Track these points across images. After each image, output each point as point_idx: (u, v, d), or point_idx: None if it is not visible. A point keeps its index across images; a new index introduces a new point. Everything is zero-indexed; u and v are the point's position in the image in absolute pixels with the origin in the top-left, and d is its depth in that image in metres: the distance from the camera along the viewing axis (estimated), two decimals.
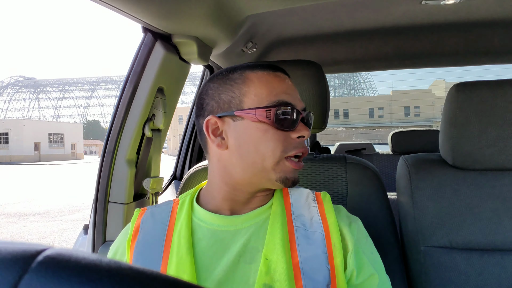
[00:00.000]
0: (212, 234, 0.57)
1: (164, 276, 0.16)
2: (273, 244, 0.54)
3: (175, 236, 0.57)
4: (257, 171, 0.56)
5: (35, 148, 33.60)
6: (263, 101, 0.55)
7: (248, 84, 0.57)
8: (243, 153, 0.56)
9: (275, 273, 0.52)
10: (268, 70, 0.58)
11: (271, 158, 0.54)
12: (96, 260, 0.16)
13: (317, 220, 0.57)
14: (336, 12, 1.27)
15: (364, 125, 33.52)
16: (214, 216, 0.58)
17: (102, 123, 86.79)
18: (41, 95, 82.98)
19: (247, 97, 0.56)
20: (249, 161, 0.56)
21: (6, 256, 0.16)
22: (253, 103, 0.55)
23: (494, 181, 0.79)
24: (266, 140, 0.54)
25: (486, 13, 1.27)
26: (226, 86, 0.58)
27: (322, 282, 0.52)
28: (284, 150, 0.55)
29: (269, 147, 0.54)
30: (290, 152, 0.55)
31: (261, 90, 0.56)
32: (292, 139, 0.56)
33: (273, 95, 0.55)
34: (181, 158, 1.57)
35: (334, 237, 0.55)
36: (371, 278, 0.55)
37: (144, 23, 0.86)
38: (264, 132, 0.54)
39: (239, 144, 0.56)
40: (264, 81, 0.57)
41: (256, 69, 0.58)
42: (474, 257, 0.76)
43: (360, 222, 0.61)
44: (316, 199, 0.61)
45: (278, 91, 0.56)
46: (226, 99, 0.57)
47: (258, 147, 0.55)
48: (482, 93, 0.77)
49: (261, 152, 0.55)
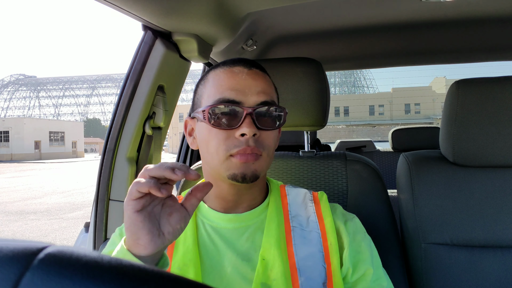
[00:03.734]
0: (213, 231, 0.58)
1: (166, 274, 0.16)
2: (269, 244, 0.55)
3: None
4: (211, 169, 0.57)
5: (35, 146, 33.61)
6: (211, 100, 0.56)
7: (206, 84, 0.58)
8: (202, 152, 0.59)
9: (272, 273, 0.53)
10: (227, 65, 0.58)
11: (216, 157, 0.55)
12: (97, 257, 0.16)
13: (314, 220, 0.58)
14: (336, 9, 1.27)
15: (365, 122, 33.48)
16: (216, 214, 0.59)
17: (102, 121, 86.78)
18: (42, 93, 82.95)
19: (203, 97, 0.58)
20: (205, 160, 0.58)
21: (8, 254, 0.16)
22: (205, 103, 0.56)
23: (494, 178, 0.79)
24: (210, 139, 0.55)
25: (486, 10, 1.26)
26: (199, 87, 0.60)
27: (319, 280, 0.52)
28: (226, 149, 0.54)
29: (213, 146, 0.55)
30: (232, 150, 0.53)
31: (211, 89, 0.57)
32: (235, 138, 0.54)
33: (219, 93, 0.55)
34: (181, 156, 1.57)
35: (330, 236, 0.56)
36: (365, 274, 0.56)
37: (144, 21, 0.86)
38: (208, 131, 0.55)
39: (199, 143, 0.59)
40: (216, 79, 0.57)
41: (217, 67, 0.59)
42: (475, 254, 0.76)
43: (357, 219, 0.62)
44: (313, 199, 0.61)
45: (224, 87, 0.55)
46: (195, 100, 0.60)
47: (207, 146, 0.56)
48: (483, 90, 0.77)
49: (210, 151, 0.56)
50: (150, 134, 0.98)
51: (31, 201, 7.42)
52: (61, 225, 5.28)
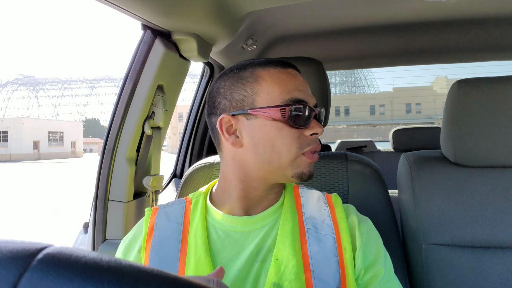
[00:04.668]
0: (226, 236, 0.57)
1: (165, 274, 0.16)
2: (283, 245, 0.54)
3: (191, 236, 0.57)
4: (273, 168, 0.56)
5: (34, 146, 33.60)
6: (276, 99, 0.55)
7: (260, 82, 0.57)
8: (259, 151, 0.56)
9: (285, 273, 0.52)
10: (279, 67, 0.58)
11: (287, 155, 0.55)
12: (96, 258, 0.16)
13: (329, 224, 0.58)
14: (337, 9, 1.27)
15: (365, 122, 33.52)
16: (228, 218, 0.58)
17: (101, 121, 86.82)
18: (40, 93, 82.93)
19: (260, 95, 0.56)
20: (265, 159, 0.56)
21: (7, 254, 0.16)
22: (266, 102, 0.55)
23: (496, 178, 0.79)
24: (281, 138, 0.55)
25: (488, 9, 1.26)
26: (238, 85, 0.58)
27: (332, 283, 0.52)
28: (299, 147, 0.56)
29: (284, 145, 0.55)
30: (305, 149, 0.56)
31: (273, 88, 0.56)
32: (306, 137, 0.57)
33: (286, 93, 0.56)
34: (181, 156, 1.57)
35: (345, 242, 0.56)
36: (377, 274, 0.56)
37: (143, 20, 0.86)
38: (279, 130, 0.55)
39: (254, 142, 0.56)
40: (276, 79, 0.56)
41: (267, 66, 0.58)
42: (476, 254, 0.76)
43: (370, 222, 0.62)
44: (328, 202, 0.61)
45: (291, 88, 0.56)
46: (239, 97, 0.57)
47: (273, 145, 0.55)
48: (484, 90, 0.77)
49: (277, 150, 0.55)
50: (150, 134, 0.98)
51: (30, 201, 7.41)
52: (60, 225, 5.28)
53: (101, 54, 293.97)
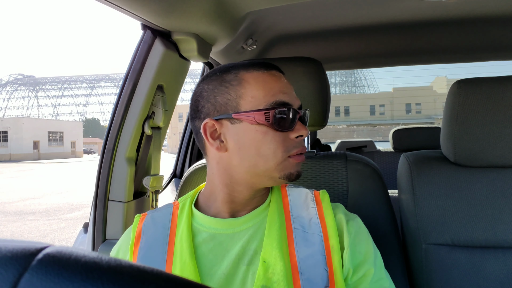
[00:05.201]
0: (211, 238, 0.57)
1: (165, 274, 0.16)
2: (270, 246, 0.54)
3: (177, 240, 0.57)
4: (259, 171, 0.56)
5: (34, 146, 33.59)
6: (260, 102, 0.54)
7: (244, 85, 0.56)
8: (244, 155, 0.55)
9: (273, 275, 0.52)
10: (263, 69, 0.57)
11: (273, 159, 0.55)
12: (96, 258, 0.16)
13: (316, 222, 0.57)
14: (337, 9, 1.27)
15: (365, 122, 33.49)
16: (213, 220, 0.58)
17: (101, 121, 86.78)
18: (40, 93, 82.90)
19: (244, 99, 0.55)
20: (251, 163, 0.55)
21: (6, 254, 0.16)
22: (250, 105, 0.54)
23: (495, 178, 0.79)
24: (266, 142, 0.54)
25: (488, 9, 1.26)
26: (221, 88, 0.56)
27: (320, 283, 0.52)
28: (285, 151, 0.55)
29: (270, 149, 0.54)
30: (291, 152, 0.56)
31: (257, 91, 0.55)
32: (292, 139, 0.56)
33: (270, 96, 0.55)
34: (181, 156, 1.57)
35: (332, 239, 0.56)
36: (366, 274, 0.55)
37: (143, 20, 0.86)
38: (264, 134, 0.54)
39: (239, 146, 0.55)
40: (261, 82, 0.56)
41: (250, 69, 0.57)
42: (476, 254, 0.76)
43: (359, 219, 0.61)
44: (315, 199, 0.61)
45: (275, 91, 0.55)
46: (223, 101, 0.56)
47: (259, 149, 0.54)
48: (484, 90, 0.77)
49: (262, 154, 0.55)
50: (150, 134, 0.98)
51: (30, 202, 7.41)
52: (59, 225, 5.28)
53: (101, 54, 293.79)
